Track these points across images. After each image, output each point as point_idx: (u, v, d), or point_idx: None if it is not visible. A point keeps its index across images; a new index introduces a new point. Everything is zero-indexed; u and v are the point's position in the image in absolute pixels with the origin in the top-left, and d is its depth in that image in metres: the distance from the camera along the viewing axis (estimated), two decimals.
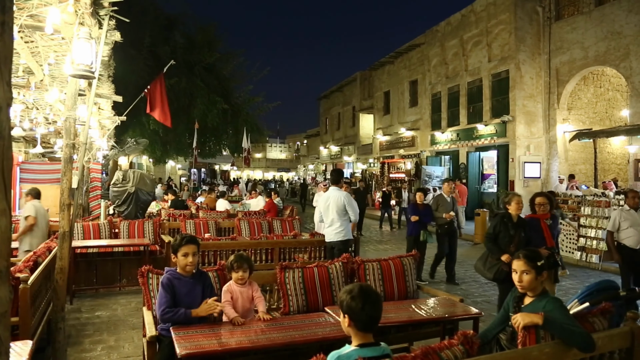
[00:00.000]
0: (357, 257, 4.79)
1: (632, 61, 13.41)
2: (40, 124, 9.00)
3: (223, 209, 11.49)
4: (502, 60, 16.93)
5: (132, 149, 16.21)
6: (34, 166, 11.89)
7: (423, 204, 8.51)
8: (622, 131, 13.40)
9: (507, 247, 5.33)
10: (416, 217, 8.22)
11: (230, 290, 3.73)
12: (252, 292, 3.81)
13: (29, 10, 3.90)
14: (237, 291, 3.74)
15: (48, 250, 5.29)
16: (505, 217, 5.53)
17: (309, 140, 48.98)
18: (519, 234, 5.39)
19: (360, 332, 2.26)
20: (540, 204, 5.65)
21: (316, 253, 7.28)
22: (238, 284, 3.77)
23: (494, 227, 5.55)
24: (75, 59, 3.80)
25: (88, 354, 4.82)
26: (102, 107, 8.85)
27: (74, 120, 4.62)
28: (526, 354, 2.51)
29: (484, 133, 17.84)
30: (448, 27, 20.10)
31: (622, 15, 13.70)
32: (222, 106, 20.31)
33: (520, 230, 5.43)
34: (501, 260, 5.28)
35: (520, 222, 5.53)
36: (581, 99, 16.63)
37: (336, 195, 6.49)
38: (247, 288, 3.79)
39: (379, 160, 26.68)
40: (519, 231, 5.41)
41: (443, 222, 8.31)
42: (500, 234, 5.44)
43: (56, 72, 5.96)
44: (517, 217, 5.53)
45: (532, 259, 2.91)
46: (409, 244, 8.36)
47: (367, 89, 29.76)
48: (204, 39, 21.17)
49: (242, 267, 3.76)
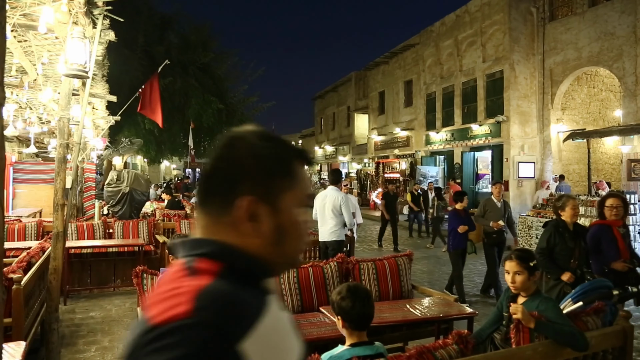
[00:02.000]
0: (352, 257, 4.80)
1: (625, 62, 13.50)
2: (34, 124, 8.94)
3: None
4: (497, 61, 17.00)
5: (127, 148, 16.15)
6: (27, 166, 11.84)
7: (464, 210, 7.34)
8: (615, 131, 13.48)
9: (567, 263, 4.35)
10: (465, 227, 7.02)
11: None
12: None
13: (22, 9, 3.88)
14: None
15: (42, 250, 5.26)
16: (559, 225, 4.50)
17: (304, 140, 48.94)
18: (579, 245, 4.41)
19: (355, 332, 2.27)
20: (613, 206, 4.50)
21: (311, 253, 7.28)
22: None
23: (547, 240, 4.48)
24: (69, 58, 3.79)
25: (82, 354, 4.80)
26: (96, 107, 8.81)
27: (68, 120, 4.60)
28: (520, 353, 2.52)
29: (478, 133, 17.90)
30: (443, 27, 20.16)
31: (615, 16, 13.78)
32: (217, 106, 20.29)
33: (580, 240, 4.46)
34: (562, 280, 4.29)
35: (579, 231, 4.56)
36: (575, 99, 16.72)
37: (333, 195, 6.48)
38: None
39: (374, 160, 26.71)
40: (578, 242, 4.43)
41: (490, 230, 7.12)
42: (557, 248, 4.42)
43: (50, 72, 5.92)
44: (573, 224, 4.54)
45: (525, 260, 2.92)
46: (455, 259, 7.17)
47: (362, 89, 29.78)
48: (198, 39, 21.14)
49: None
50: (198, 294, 0.71)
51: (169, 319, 0.68)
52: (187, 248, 0.85)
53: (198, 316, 0.69)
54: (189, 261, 0.81)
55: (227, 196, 0.84)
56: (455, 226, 7.07)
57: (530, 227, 10.82)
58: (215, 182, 0.86)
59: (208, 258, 0.81)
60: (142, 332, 0.69)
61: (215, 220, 0.85)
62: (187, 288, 0.73)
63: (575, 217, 4.53)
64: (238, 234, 0.84)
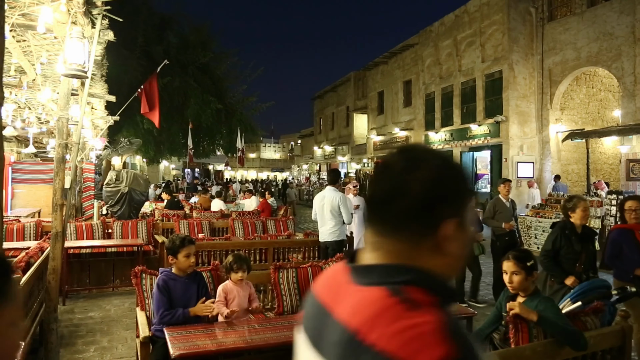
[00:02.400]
0: None
1: (624, 62, 13.51)
2: (33, 124, 8.93)
3: (218, 209, 11.46)
4: (496, 61, 17.01)
5: (126, 149, 16.12)
6: (26, 166, 11.82)
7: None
8: (614, 131, 13.50)
9: (572, 267, 4.23)
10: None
11: (226, 290, 3.71)
12: (249, 291, 3.81)
13: (20, 9, 3.88)
14: (234, 290, 3.72)
15: (40, 250, 5.25)
16: (566, 227, 4.34)
17: (303, 140, 48.97)
18: (586, 248, 4.30)
19: None
20: (632, 209, 4.30)
21: (310, 253, 7.27)
22: (236, 284, 3.75)
23: (552, 242, 4.34)
24: (68, 58, 3.78)
25: (81, 355, 4.80)
26: (95, 107, 8.80)
27: (67, 120, 4.59)
28: (519, 353, 2.52)
29: (477, 133, 17.91)
30: (442, 27, 20.16)
31: (613, 17, 13.80)
32: (216, 106, 20.25)
33: (588, 244, 4.35)
34: (565, 284, 4.17)
35: (588, 234, 4.42)
36: (574, 99, 16.74)
37: (331, 195, 6.49)
38: (243, 288, 3.78)
39: (373, 160, 26.72)
40: (586, 245, 4.32)
41: (502, 232, 6.69)
42: (562, 250, 4.29)
43: (49, 72, 5.92)
44: (582, 227, 4.37)
45: (522, 260, 2.92)
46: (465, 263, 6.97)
47: (361, 89, 29.79)
48: (197, 39, 21.10)
49: (242, 267, 3.74)
50: (447, 332, 0.73)
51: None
52: (382, 275, 0.84)
53: (463, 355, 0.71)
54: (395, 290, 0.80)
55: (427, 221, 0.83)
56: None
57: (530, 227, 10.83)
58: (412, 205, 0.83)
59: (415, 286, 0.81)
60: None
61: (413, 245, 0.85)
62: (430, 325, 0.74)
63: (585, 219, 4.37)
64: (431, 256, 0.85)
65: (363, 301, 0.82)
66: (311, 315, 0.95)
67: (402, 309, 0.77)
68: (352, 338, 0.78)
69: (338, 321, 0.83)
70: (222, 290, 3.71)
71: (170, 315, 3.37)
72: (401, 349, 0.72)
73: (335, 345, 0.81)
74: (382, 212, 0.87)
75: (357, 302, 0.82)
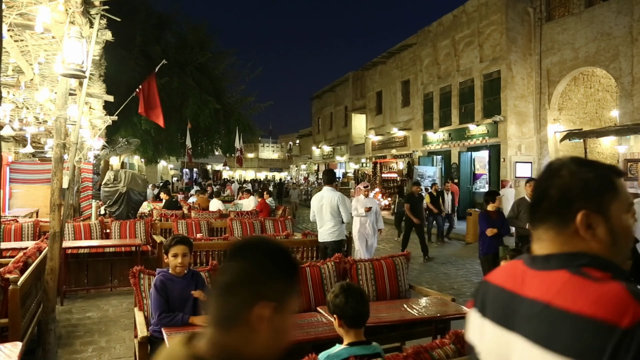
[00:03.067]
0: (349, 257, 4.80)
1: (622, 62, 13.54)
2: (31, 124, 8.92)
3: (216, 209, 11.46)
4: (494, 61, 17.03)
5: (124, 148, 16.12)
6: (24, 166, 11.81)
7: (496, 211, 6.57)
8: (612, 131, 13.52)
9: None
10: (494, 229, 6.32)
11: None
12: None
13: (18, 9, 3.87)
14: None
15: (38, 250, 5.24)
16: None
17: (302, 140, 48.96)
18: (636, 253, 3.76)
19: (351, 330, 2.28)
20: None
21: (308, 253, 7.28)
22: None
23: None
24: (66, 58, 3.78)
25: (79, 355, 4.79)
26: (93, 107, 8.79)
27: (65, 119, 4.58)
28: None
29: (475, 133, 17.93)
30: (440, 27, 20.18)
31: (611, 17, 13.82)
32: (214, 106, 20.24)
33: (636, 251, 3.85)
34: None
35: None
36: (572, 99, 16.76)
37: (329, 195, 6.49)
38: None
39: (371, 160, 26.72)
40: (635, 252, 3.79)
41: (527, 233, 6.23)
42: None
43: (46, 71, 5.91)
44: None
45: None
46: (485, 266, 6.53)
47: (360, 89, 29.79)
48: (195, 39, 21.09)
49: None
50: (634, 295, 0.89)
51: (635, 320, 0.86)
52: (561, 260, 1.04)
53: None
54: (576, 271, 1.00)
55: (566, 214, 1.05)
56: (484, 229, 6.38)
57: None
58: (551, 204, 1.08)
59: (591, 267, 1.00)
60: (617, 340, 0.85)
61: (558, 233, 1.06)
62: (620, 291, 0.91)
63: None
64: (579, 241, 1.04)
65: (549, 281, 1.02)
66: (493, 300, 1.14)
67: (587, 282, 0.96)
68: (545, 308, 0.97)
69: (529, 298, 1.03)
70: None
71: (169, 319, 3.36)
72: (601, 310, 0.89)
73: (529, 317, 1.01)
74: (534, 214, 1.12)
75: (543, 282, 1.02)
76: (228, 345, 0.98)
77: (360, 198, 8.26)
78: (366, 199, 8.25)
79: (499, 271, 1.21)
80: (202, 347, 1.00)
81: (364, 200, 8.20)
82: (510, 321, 1.06)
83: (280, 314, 1.00)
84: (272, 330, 1.00)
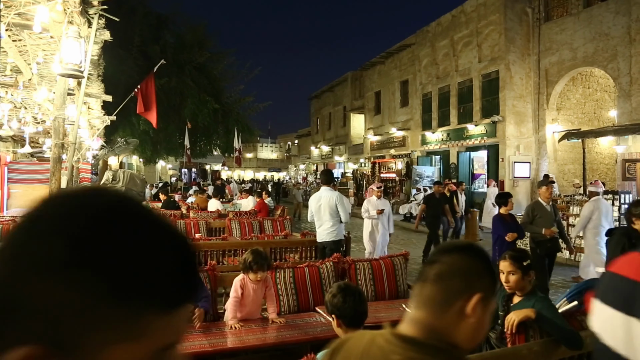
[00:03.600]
0: (348, 257, 4.80)
1: (620, 62, 13.56)
2: (29, 124, 8.91)
3: (214, 209, 11.45)
4: (492, 61, 17.05)
5: (122, 148, 16.12)
6: (22, 166, 11.78)
7: (510, 214, 6.22)
8: (610, 131, 13.55)
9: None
10: (514, 234, 5.90)
11: (242, 286, 3.53)
12: (265, 290, 3.67)
13: (16, 9, 3.87)
14: (250, 287, 3.55)
15: None
16: (631, 235, 3.92)
17: (300, 140, 48.96)
18: None
19: (349, 330, 2.28)
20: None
21: (307, 253, 7.27)
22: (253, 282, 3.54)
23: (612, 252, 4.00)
24: (64, 57, 3.77)
25: None
26: (91, 107, 8.78)
27: (63, 119, 4.58)
28: (515, 353, 2.53)
29: (474, 133, 17.95)
30: (438, 27, 20.19)
31: (609, 17, 13.85)
32: (213, 106, 20.25)
33: None
34: None
35: None
36: (570, 99, 16.79)
37: (328, 195, 6.49)
38: (261, 285, 3.61)
39: (370, 160, 26.74)
40: None
41: (542, 238, 6.11)
42: None
43: (45, 71, 5.91)
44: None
45: (518, 260, 2.93)
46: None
47: (358, 89, 29.80)
48: (194, 39, 21.09)
49: (263, 268, 3.51)
50: None
51: None
52: None
53: None
54: None
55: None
56: (502, 233, 5.93)
57: None
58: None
59: None
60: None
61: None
62: None
63: None
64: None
65: None
66: (615, 289, 1.19)
67: None
68: None
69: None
70: (239, 285, 3.53)
71: None
72: None
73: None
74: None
75: None
76: (437, 327, 1.06)
77: (372, 199, 7.93)
78: (378, 200, 7.95)
79: (620, 262, 1.26)
80: (406, 328, 1.07)
81: (376, 201, 7.92)
82: (630, 308, 1.11)
83: (485, 307, 1.09)
84: (476, 321, 1.08)
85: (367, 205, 7.88)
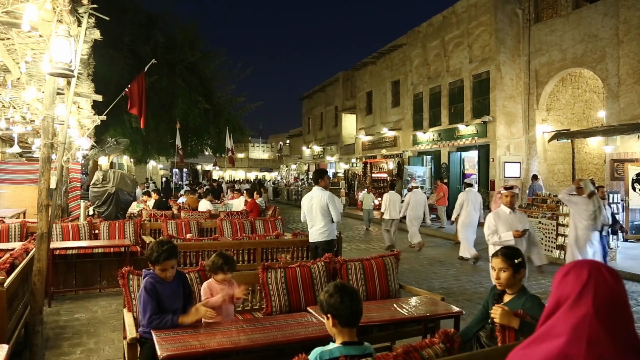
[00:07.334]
0: (339, 257, 4.80)
1: (608, 63, 13.70)
2: (18, 123, 8.82)
3: (205, 209, 11.41)
4: (483, 62, 17.15)
5: (113, 148, 16.02)
6: (11, 166, 11.65)
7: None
8: (599, 132, 13.69)
9: None
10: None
11: (210, 288, 3.64)
12: (234, 290, 3.71)
13: (4, 7, 3.82)
14: (217, 289, 3.64)
15: (25, 251, 5.18)
16: None
17: (292, 140, 48.92)
18: None
19: (345, 329, 2.28)
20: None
21: (299, 253, 7.28)
22: (220, 283, 3.66)
23: None
24: (54, 57, 3.74)
25: (67, 357, 4.74)
26: (81, 106, 8.70)
27: (53, 119, 4.54)
28: (506, 352, 2.54)
29: (465, 133, 18.05)
30: (429, 28, 20.28)
31: (598, 19, 13.99)
32: (204, 106, 20.17)
33: None
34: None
35: None
36: (559, 100, 16.93)
37: (319, 195, 6.49)
38: (226, 285, 3.68)
39: (362, 160, 26.77)
40: None
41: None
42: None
43: (34, 70, 5.84)
44: None
45: (510, 257, 2.95)
46: None
47: (350, 89, 29.84)
48: (185, 38, 20.98)
49: (233, 269, 3.69)
50: None
51: None
52: None
53: None
54: None
55: None
56: None
57: None
58: None
59: None
60: None
61: None
62: None
63: None
64: None
65: None
66: None
67: None
68: None
69: None
70: (208, 288, 3.63)
71: (158, 320, 3.32)
72: None
73: None
74: None
75: None
76: None
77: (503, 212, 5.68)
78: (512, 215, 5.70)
79: None
80: None
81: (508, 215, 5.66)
82: None
83: None
84: None
85: (495, 221, 5.56)
